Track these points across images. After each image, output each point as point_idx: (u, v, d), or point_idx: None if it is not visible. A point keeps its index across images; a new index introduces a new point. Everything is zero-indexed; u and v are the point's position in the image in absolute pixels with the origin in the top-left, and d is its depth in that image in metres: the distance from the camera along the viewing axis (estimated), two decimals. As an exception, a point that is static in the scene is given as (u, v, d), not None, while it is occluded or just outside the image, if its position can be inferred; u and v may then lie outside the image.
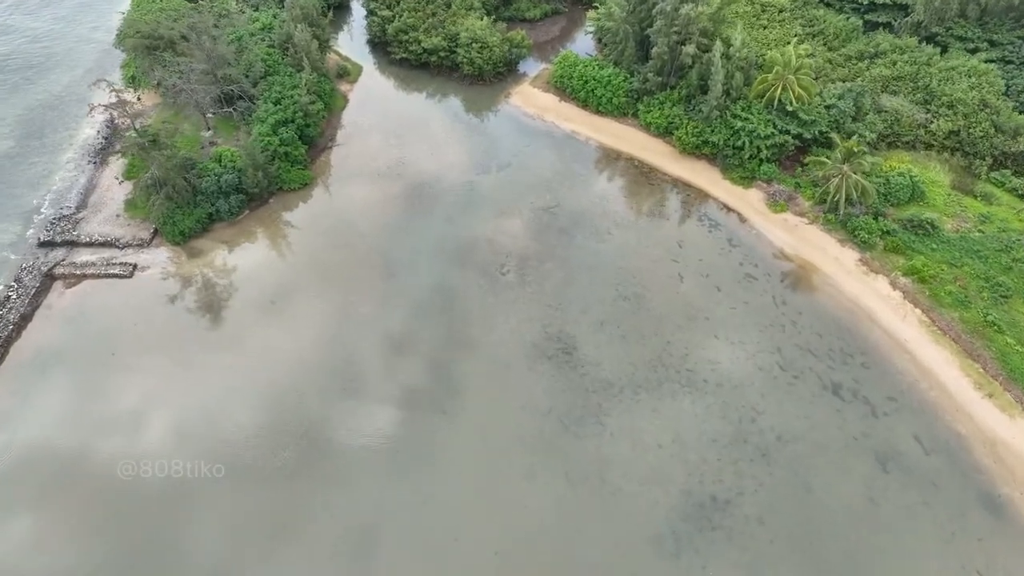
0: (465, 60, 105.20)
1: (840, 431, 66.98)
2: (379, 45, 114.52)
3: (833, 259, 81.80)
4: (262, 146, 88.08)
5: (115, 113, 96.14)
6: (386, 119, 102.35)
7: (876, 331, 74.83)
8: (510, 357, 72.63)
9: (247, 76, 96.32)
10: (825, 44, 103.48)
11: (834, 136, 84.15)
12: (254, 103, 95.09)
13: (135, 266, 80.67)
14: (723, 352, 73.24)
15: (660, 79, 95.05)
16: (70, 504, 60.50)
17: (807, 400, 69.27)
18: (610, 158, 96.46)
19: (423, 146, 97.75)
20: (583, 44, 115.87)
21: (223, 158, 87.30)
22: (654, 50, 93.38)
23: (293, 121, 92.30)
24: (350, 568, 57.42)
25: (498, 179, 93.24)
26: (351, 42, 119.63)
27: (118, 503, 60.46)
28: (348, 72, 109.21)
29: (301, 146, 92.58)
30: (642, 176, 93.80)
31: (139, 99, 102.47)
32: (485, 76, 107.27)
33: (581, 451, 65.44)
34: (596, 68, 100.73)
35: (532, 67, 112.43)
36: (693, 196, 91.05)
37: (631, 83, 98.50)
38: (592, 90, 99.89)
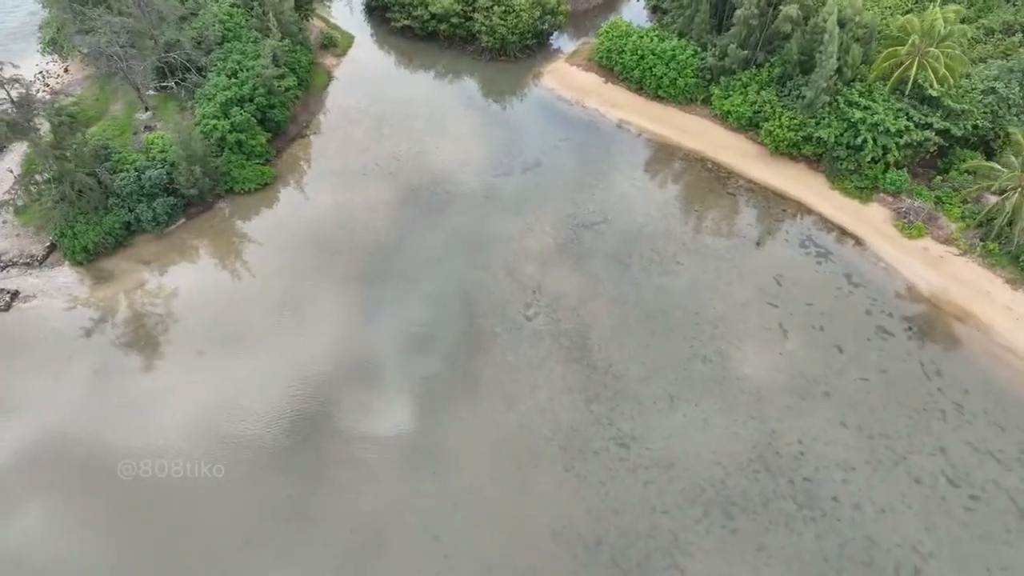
0: (484, 28, 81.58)
1: (1059, 594, 42.40)
2: (378, 11, 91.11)
3: (1004, 309, 57.03)
4: (205, 132, 65.08)
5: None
6: (380, 102, 78.87)
7: (1088, 424, 50.04)
8: (537, 450, 48.85)
9: (199, 43, 73.36)
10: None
11: (1016, 132, 59.13)
12: (205, 76, 72.09)
13: (15, 294, 58.02)
14: (857, 451, 48.82)
15: (744, 53, 70.68)
16: None
17: (1000, 537, 44.66)
18: (674, 158, 72.18)
19: (426, 138, 74.17)
20: (633, 15, 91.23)
21: (152, 148, 64.44)
22: (738, 13, 69.08)
23: (252, 100, 69.09)
24: None
25: (524, 183, 69.46)
26: (351, 15, 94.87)
27: None
28: (335, 42, 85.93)
29: (262, 133, 69.36)
30: (718, 183, 69.44)
31: (66, 70, 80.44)
32: (509, 50, 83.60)
33: (648, 615, 41.51)
34: (656, 40, 76.58)
35: (567, 43, 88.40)
36: (791, 212, 66.52)
37: (703, 59, 74.26)
38: (650, 68, 75.76)
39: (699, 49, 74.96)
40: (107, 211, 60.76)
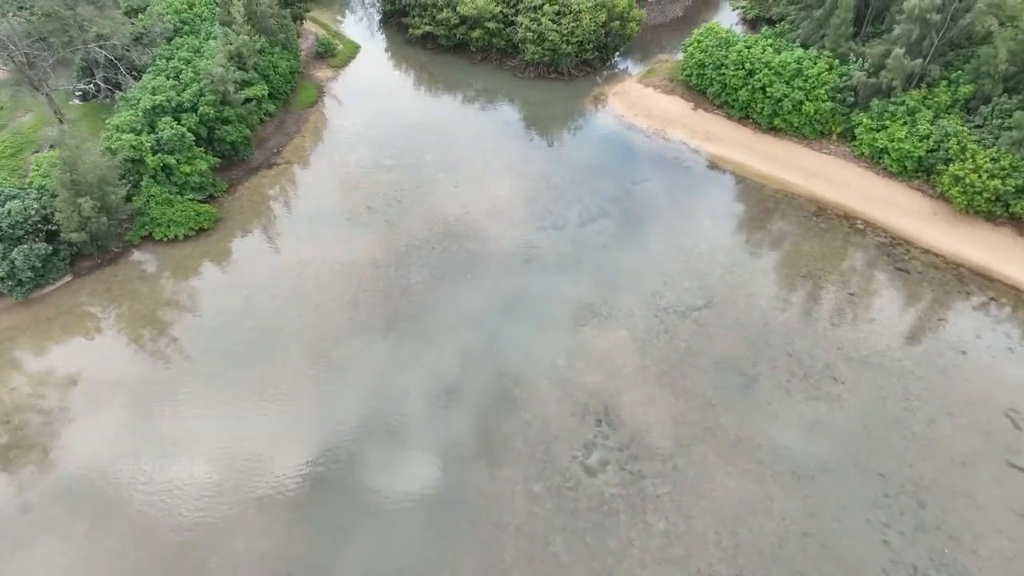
0: (530, 36, 60.46)
1: None
2: (394, 17, 70.94)
3: None
4: (111, 149, 44.09)
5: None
6: (382, 125, 57.65)
7: None
8: None
9: (139, 37, 53.50)
10: None
11: None
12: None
13: None
14: None
15: (913, 64, 47.94)
16: None
17: None
18: (804, 213, 48.87)
19: (441, 174, 52.35)
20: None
21: (36, 171, 43.59)
22: (910, 3, 46.77)
23: (195, 110, 48.13)
24: None
25: (582, 242, 46.64)
26: (367, 30, 73.18)
27: None
28: (332, 51, 65.65)
29: (204, 158, 48.06)
30: (879, 253, 45.72)
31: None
32: (561, 65, 62.40)
33: None
34: (770, 50, 54.51)
35: (633, 65, 66.26)
36: (1005, 302, 42.32)
37: (844, 75, 51.67)
38: (763, 88, 53.47)
39: (837, 62, 52.49)
40: (-61, 261, 39.47)
